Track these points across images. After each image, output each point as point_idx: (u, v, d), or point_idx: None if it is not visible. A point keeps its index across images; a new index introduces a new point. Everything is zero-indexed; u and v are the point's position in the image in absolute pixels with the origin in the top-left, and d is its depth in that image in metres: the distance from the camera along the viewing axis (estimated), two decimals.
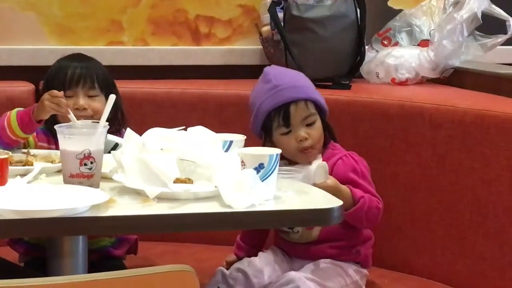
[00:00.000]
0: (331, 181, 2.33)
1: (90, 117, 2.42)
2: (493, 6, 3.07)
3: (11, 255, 2.55)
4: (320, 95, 2.52)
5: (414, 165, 2.69)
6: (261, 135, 2.52)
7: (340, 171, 2.45)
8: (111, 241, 2.54)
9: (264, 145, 2.47)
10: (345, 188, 2.37)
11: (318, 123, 2.49)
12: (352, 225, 2.44)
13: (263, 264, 2.48)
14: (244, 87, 3.02)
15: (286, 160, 2.44)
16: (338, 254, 2.48)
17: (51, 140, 2.50)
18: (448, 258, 2.60)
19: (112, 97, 2.10)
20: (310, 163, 2.42)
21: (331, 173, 2.41)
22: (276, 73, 2.53)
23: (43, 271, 2.15)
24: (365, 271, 2.52)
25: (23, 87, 2.92)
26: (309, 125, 2.47)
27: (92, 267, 2.15)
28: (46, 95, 2.33)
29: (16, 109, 2.44)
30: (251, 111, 2.53)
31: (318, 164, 2.36)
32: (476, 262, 2.52)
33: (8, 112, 2.43)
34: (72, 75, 2.54)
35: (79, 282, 1.45)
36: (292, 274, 2.39)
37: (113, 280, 1.41)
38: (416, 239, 2.68)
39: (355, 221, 2.41)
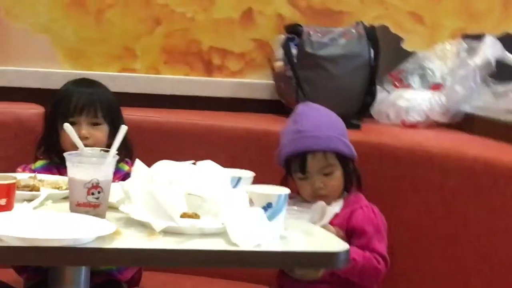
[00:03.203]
0: (333, 230, 2.31)
1: (91, 146, 2.40)
2: (507, 53, 3.08)
3: (13, 277, 2.54)
4: (344, 144, 2.51)
5: (421, 210, 2.67)
6: (284, 168, 2.54)
7: (357, 220, 2.45)
8: None
9: (284, 178, 2.51)
10: None
11: (337, 173, 2.49)
12: None
13: None
14: (253, 122, 3.03)
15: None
16: None
17: (55, 172, 2.50)
18: None
19: (124, 128, 2.10)
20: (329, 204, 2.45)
21: (349, 219, 2.41)
22: (304, 114, 2.54)
23: None
24: None
25: (33, 110, 2.91)
26: (326, 174, 2.47)
27: None
28: None
29: None
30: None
31: (318, 204, 2.37)
32: None
33: None
34: (76, 103, 2.56)
35: None
36: None
37: None
38: (419, 285, 2.66)
39: (348, 278, 2.41)
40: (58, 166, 2.55)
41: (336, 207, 2.47)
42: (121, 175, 2.46)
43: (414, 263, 2.68)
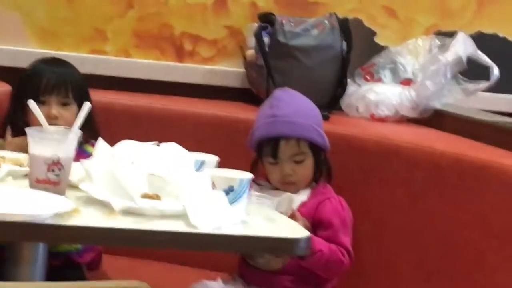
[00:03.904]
0: (302, 222, 2.30)
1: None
2: (479, 52, 3.08)
3: None
4: (319, 134, 2.49)
5: (386, 203, 2.66)
6: (256, 152, 2.52)
7: (325, 211, 2.43)
8: (76, 247, 2.50)
9: (254, 163, 2.50)
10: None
11: (308, 162, 2.47)
12: None
13: (221, 286, 2.45)
14: (223, 109, 3.01)
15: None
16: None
17: None
18: None
19: (87, 105, 2.07)
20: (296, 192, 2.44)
21: (316, 210, 2.40)
22: (282, 99, 2.52)
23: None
24: None
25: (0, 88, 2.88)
26: (297, 162, 2.45)
27: (53, 273, 2.11)
28: None
29: None
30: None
31: (285, 196, 2.36)
32: None
33: None
34: (47, 82, 2.52)
35: None
36: None
37: None
38: (380, 278, 2.65)
39: (312, 269, 2.39)
40: None
41: (303, 196, 2.46)
42: (86, 157, 2.43)
43: (376, 256, 2.66)
